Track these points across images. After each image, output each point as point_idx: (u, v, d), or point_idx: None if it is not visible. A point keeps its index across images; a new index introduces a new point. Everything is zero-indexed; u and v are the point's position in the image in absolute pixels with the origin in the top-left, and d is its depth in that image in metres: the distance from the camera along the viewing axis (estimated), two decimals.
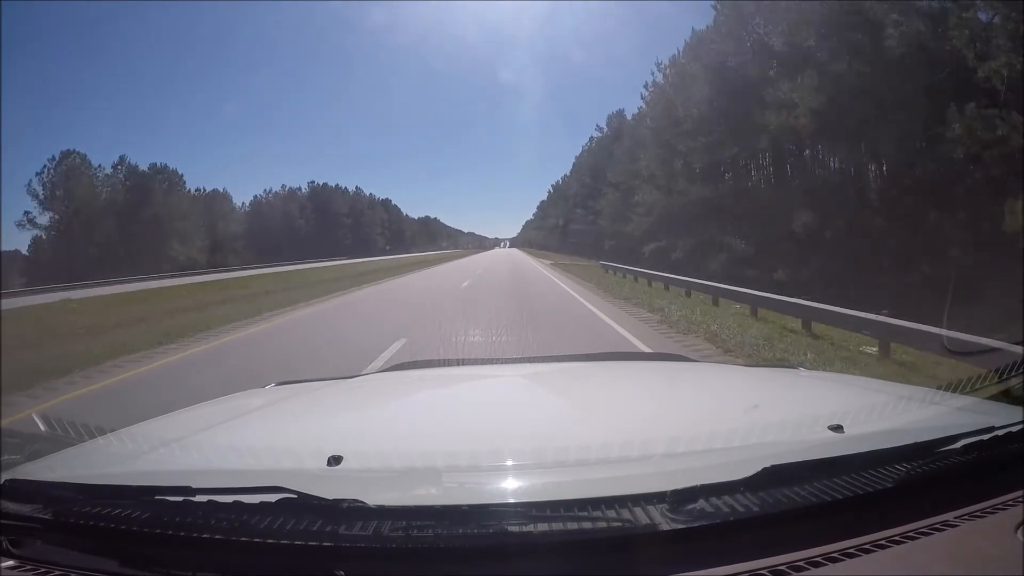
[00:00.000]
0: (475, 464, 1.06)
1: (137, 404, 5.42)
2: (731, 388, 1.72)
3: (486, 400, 1.77)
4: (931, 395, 1.38)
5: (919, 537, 0.81)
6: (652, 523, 0.78)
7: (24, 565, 0.84)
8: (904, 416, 1.23)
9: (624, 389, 1.80)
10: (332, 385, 1.99)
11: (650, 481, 0.87)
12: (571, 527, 0.77)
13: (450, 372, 2.56)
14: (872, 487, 0.86)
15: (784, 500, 0.82)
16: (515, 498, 0.90)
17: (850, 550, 0.78)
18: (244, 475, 1.01)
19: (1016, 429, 0.97)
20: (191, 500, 0.83)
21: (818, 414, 1.17)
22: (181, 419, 1.52)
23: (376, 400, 1.84)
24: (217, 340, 9.37)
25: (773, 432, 1.13)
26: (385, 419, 1.58)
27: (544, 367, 2.38)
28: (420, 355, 6.06)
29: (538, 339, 7.96)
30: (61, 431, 1.39)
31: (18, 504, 0.89)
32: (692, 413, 1.42)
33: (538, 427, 1.33)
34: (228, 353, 8.23)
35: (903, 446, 0.94)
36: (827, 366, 5.75)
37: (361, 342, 8.34)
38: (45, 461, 1.18)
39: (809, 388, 1.73)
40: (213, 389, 2.79)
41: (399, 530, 0.77)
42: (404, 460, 1.07)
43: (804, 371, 2.26)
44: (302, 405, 1.71)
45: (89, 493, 0.92)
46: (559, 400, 1.75)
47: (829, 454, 0.93)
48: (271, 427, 1.46)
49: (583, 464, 1.02)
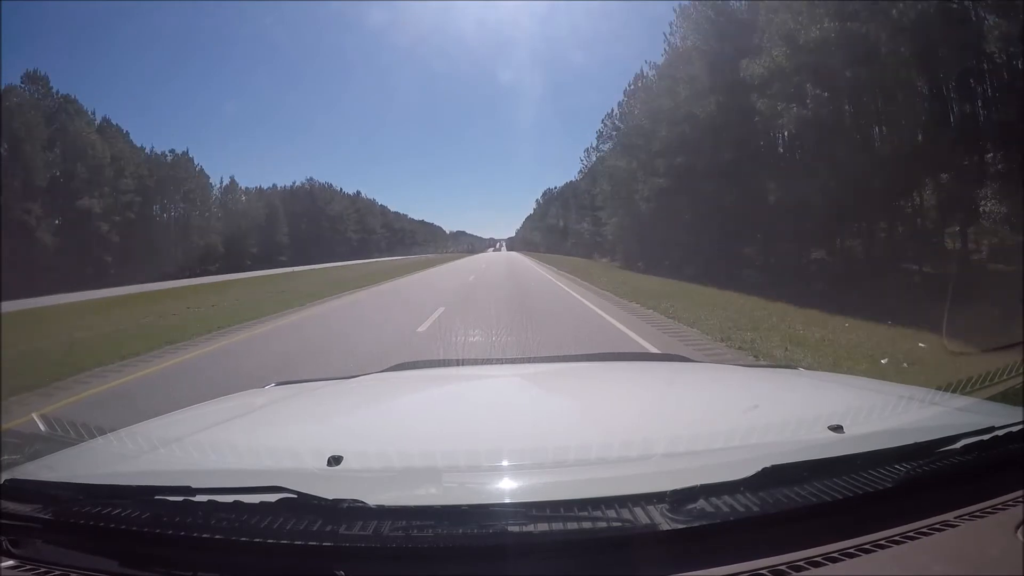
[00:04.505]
0: (475, 464, 1.06)
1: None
2: (731, 388, 1.71)
3: (486, 400, 1.77)
4: (931, 395, 1.38)
5: (919, 537, 0.81)
6: (652, 523, 0.78)
7: (24, 565, 0.84)
8: (904, 416, 1.23)
9: (624, 389, 1.80)
10: (332, 385, 1.99)
11: (650, 481, 0.87)
12: (571, 527, 0.77)
13: (450, 372, 2.56)
14: (872, 487, 0.85)
15: (784, 500, 0.82)
16: (515, 498, 0.90)
17: (850, 550, 0.78)
18: (244, 475, 1.01)
19: (1016, 429, 0.97)
20: (191, 500, 0.83)
21: (818, 414, 1.17)
22: (181, 419, 1.52)
23: (376, 400, 1.84)
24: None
25: (773, 432, 1.13)
26: (385, 419, 1.58)
27: (544, 367, 2.38)
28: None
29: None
30: (61, 431, 1.39)
31: (18, 504, 0.89)
32: (692, 413, 1.42)
33: (538, 427, 1.33)
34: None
35: (903, 446, 0.94)
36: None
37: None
38: (45, 461, 1.18)
39: (809, 388, 1.73)
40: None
41: (399, 530, 0.77)
42: (404, 460, 1.07)
43: (804, 371, 2.26)
44: (302, 405, 1.71)
45: (89, 493, 0.92)
46: (559, 400, 1.75)
47: (829, 454, 0.93)
48: (271, 427, 1.46)
49: (583, 464, 1.02)
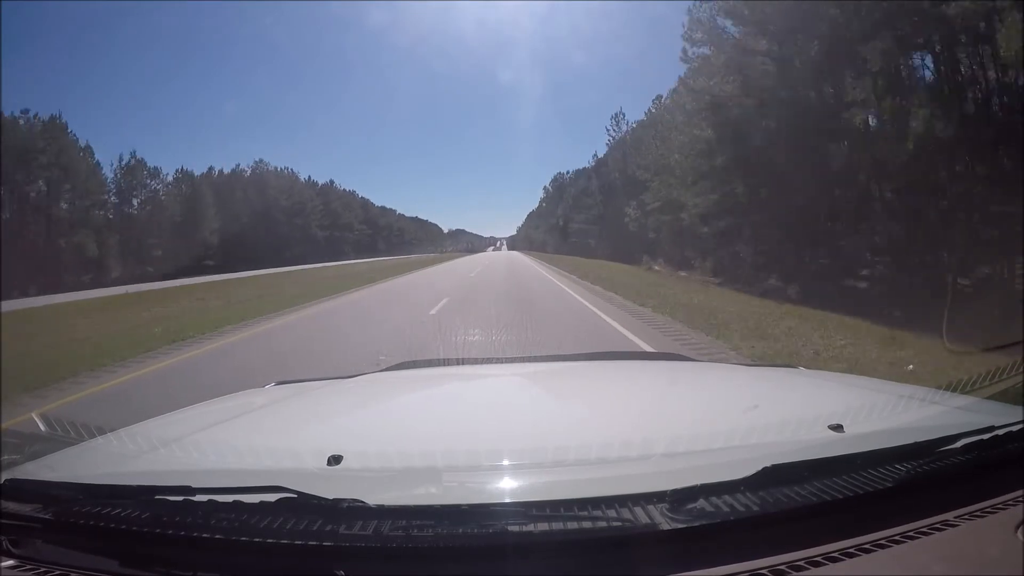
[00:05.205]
0: (475, 464, 1.06)
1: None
2: (731, 388, 1.71)
3: (486, 400, 1.77)
4: (931, 395, 1.38)
5: (919, 537, 0.81)
6: (652, 523, 0.78)
7: (24, 565, 0.84)
8: (904, 416, 1.23)
9: (624, 389, 1.80)
10: (332, 385, 1.99)
11: (650, 480, 0.87)
12: (571, 527, 0.77)
13: (450, 372, 2.56)
14: (872, 487, 0.85)
15: (784, 500, 0.82)
16: (515, 498, 0.90)
17: (850, 550, 0.78)
18: (244, 475, 1.01)
19: (1016, 429, 0.97)
20: (191, 500, 0.83)
21: (818, 414, 1.17)
22: (181, 419, 1.52)
23: (376, 400, 1.84)
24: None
25: (773, 432, 1.13)
26: (385, 419, 1.58)
27: (544, 367, 2.38)
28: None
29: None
30: (61, 431, 1.39)
31: (18, 504, 0.89)
32: (692, 413, 1.42)
33: (538, 427, 1.33)
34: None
35: (903, 446, 0.94)
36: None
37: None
38: (45, 461, 1.18)
39: (809, 388, 1.73)
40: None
41: (399, 530, 0.77)
42: (404, 460, 1.07)
43: (804, 370, 2.26)
44: (302, 405, 1.71)
45: (89, 493, 0.92)
46: (559, 400, 1.75)
47: (829, 454, 0.93)
48: (271, 427, 1.46)
49: (583, 464, 1.02)
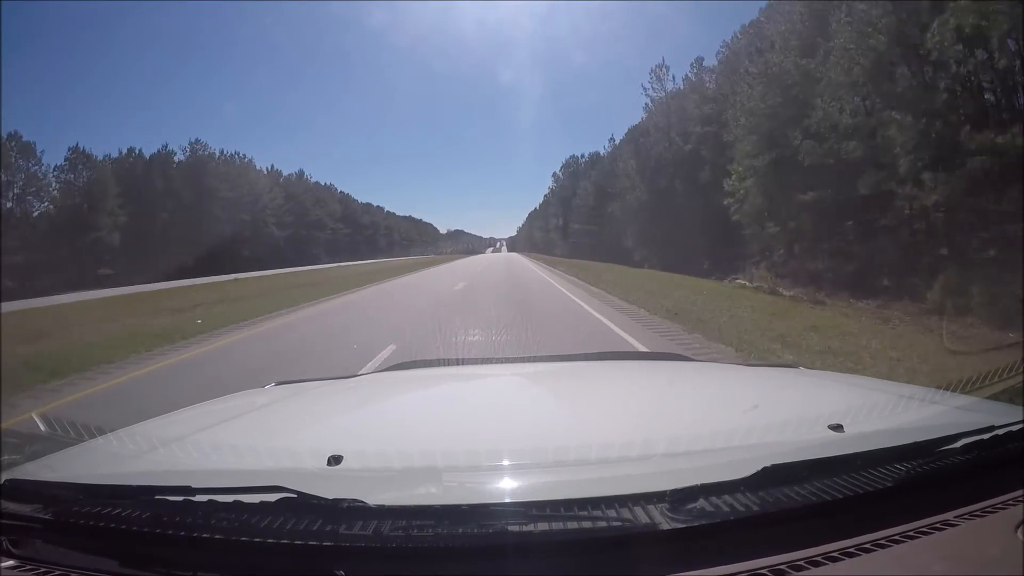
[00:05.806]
0: (475, 464, 1.06)
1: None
2: (731, 388, 1.71)
3: (486, 400, 1.77)
4: (931, 394, 1.38)
5: (919, 537, 0.81)
6: (652, 522, 0.78)
7: (24, 565, 0.84)
8: (904, 415, 1.23)
9: (624, 389, 1.80)
10: (331, 385, 1.99)
11: (650, 480, 0.86)
12: (571, 527, 0.77)
13: (450, 372, 2.56)
14: (872, 487, 0.85)
15: (784, 500, 0.82)
16: (515, 498, 0.90)
17: (850, 550, 0.78)
18: (244, 475, 1.01)
19: (1016, 428, 0.97)
20: (191, 500, 0.83)
21: (818, 414, 1.17)
22: (181, 419, 1.52)
23: (376, 400, 1.84)
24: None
25: (773, 432, 1.13)
26: (385, 419, 1.58)
27: (544, 367, 2.38)
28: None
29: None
30: (61, 431, 1.39)
31: (18, 504, 0.89)
32: (692, 413, 1.42)
33: (538, 427, 1.33)
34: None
35: (903, 446, 0.94)
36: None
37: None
38: (45, 461, 1.18)
39: (809, 387, 1.73)
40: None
41: (399, 530, 0.77)
42: (404, 460, 1.07)
43: (805, 370, 2.26)
44: (302, 405, 1.71)
45: (89, 493, 0.92)
46: (559, 400, 1.75)
47: (829, 454, 0.92)
48: (271, 427, 1.46)
49: (583, 464, 1.02)
